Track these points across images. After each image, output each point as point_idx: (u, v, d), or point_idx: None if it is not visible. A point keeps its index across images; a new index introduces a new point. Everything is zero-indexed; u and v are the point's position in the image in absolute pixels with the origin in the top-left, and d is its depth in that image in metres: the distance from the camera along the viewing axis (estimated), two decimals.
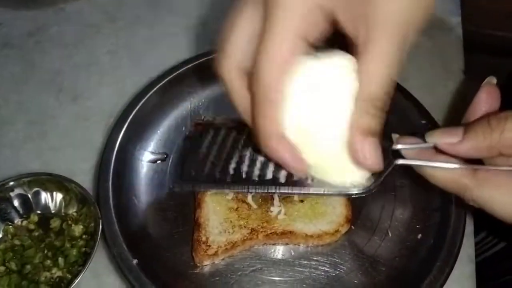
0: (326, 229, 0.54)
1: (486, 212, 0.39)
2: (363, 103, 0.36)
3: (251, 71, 0.37)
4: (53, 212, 0.57)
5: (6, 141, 0.66)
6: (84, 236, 0.54)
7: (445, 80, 0.73)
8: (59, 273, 0.52)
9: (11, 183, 0.55)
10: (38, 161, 0.63)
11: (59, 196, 0.56)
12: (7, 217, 0.56)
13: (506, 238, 0.73)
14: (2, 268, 0.52)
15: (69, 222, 0.55)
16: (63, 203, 0.56)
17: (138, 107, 0.62)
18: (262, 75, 0.36)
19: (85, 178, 0.60)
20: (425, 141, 0.41)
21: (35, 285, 0.51)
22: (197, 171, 0.47)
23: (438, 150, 0.40)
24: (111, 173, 0.56)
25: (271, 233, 0.53)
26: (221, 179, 0.46)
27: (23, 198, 0.56)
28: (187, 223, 0.56)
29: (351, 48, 0.37)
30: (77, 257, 0.53)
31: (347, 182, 0.41)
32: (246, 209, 0.55)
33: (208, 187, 0.50)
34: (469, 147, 0.38)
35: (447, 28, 0.80)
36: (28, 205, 0.56)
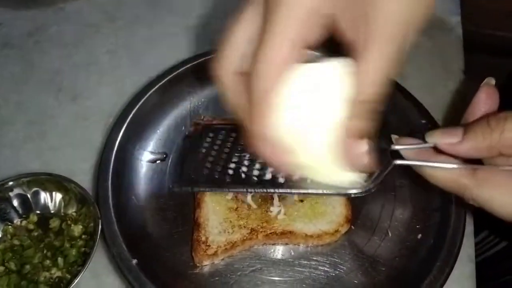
0: (326, 229, 0.54)
1: (486, 211, 0.39)
2: (358, 104, 0.36)
3: (248, 72, 0.37)
4: (52, 212, 0.57)
5: (5, 141, 0.66)
6: (83, 236, 0.54)
7: (445, 80, 0.73)
8: (58, 273, 0.52)
9: (11, 183, 0.55)
10: (38, 161, 0.63)
11: (58, 196, 0.56)
12: (6, 217, 0.55)
13: (507, 237, 0.73)
14: (2, 268, 0.52)
15: (69, 222, 0.55)
16: (63, 203, 0.56)
17: (137, 106, 0.62)
18: (259, 77, 0.36)
19: (84, 178, 0.60)
20: (424, 141, 0.41)
21: (35, 285, 0.51)
22: (196, 171, 0.47)
23: (437, 150, 0.40)
24: (110, 173, 0.56)
25: (270, 233, 0.53)
26: (220, 179, 0.46)
27: (22, 198, 0.56)
28: (187, 223, 0.56)
29: (347, 53, 0.37)
30: (77, 257, 0.53)
31: (339, 183, 0.41)
32: (246, 209, 0.55)
33: (207, 188, 0.50)
34: (469, 147, 0.38)
35: (447, 28, 0.80)
36: (27, 205, 0.56)
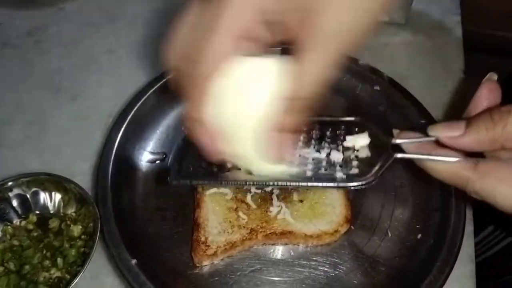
0: (326, 229, 0.54)
1: (488, 205, 0.39)
2: (291, 101, 0.38)
3: (191, 58, 0.39)
4: (52, 212, 0.57)
5: (5, 141, 0.66)
6: (83, 236, 0.54)
7: (445, 79, 0.73)
8: (57, 273, 0.52)
9: (10, 183, 0.55)
10: (37, 161, 0.63)
11: (58, 196, 0.56)
12: (5, 217, 0.55)
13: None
14: (1, 269, 0.52)
15: (68, 222, 0.55)
16: (62, 203, 0.56)
17: (137, 106, 0.62)
18: (199, 63, 0.38)
19: (84, 178, 0.60)
20: (426, 135, 0.41)
21: (34, 286, 0.51)
22: (195, 166, 0.47)
23: (439, 144, 0.40)
24: (110, 173, 0.56)
25: (270, 233, 0.53)
26: (218, 174, 0.46)
27: (21, 198, 0.56)
28: (187, 223, 0.56)
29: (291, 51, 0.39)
30: (76, 257, 0.53)
31: (270, 172, 0.44)
32: (245, 209, 0.55)
33: (205, 182, 0.51)
34: (471, 140, 0.38)
35: (447, 28, 0.80)
36: (26, 205, 0.56)
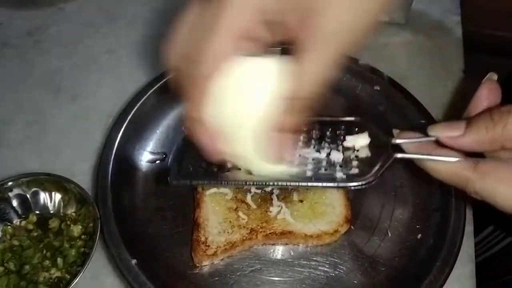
0: (326, 229, 0.54)
1: (488, 205, 0.39)
2: (290, 101, 0.38)
3: (192, 58, 0.39)
4: (52, 212, 0.57)
5: (5, 141, 0.66)
6: (83, 236, 0.54)
7: (445, 79, 0.73)
8: (57, 274, 0.52)
9: (10, 183, 0.55)
10: (37, 161, 0.63)
11: (58, 196, 0.56)
12: (5, 217, 0.55)
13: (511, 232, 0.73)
14: (1, 269, 0.52)
15: (68, 222, 0.55)
16: (62, 203, 0.56)
17: (137, 106, 0.62)
18: (199, 63, 0.38)
19: (84, 178, 0.60)
20: (426, 135, 0.41)
21: (34, 286, 0.51)
22: (195, 166, 0.47)
23: (439, 144, 0.40)
24: (110, 173, 0.56)
25: (270, 233, 0.53)
26: (218, 174, 0.46)
27: (21, 198, 0.56)
28: (186, 223, 0.56)
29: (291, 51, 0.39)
30: (76, 257, 0.53)
31: (270, 172, 0.44)
32: (245, 209, 0.55)
33: (205, 182, 0.51)
34: (471, 140, 0.38)
35: (447, 28, 0.80)
36: (26, 205, 0.56)
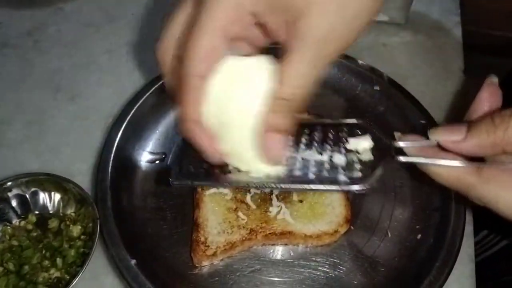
0: (325, 229, 0.54)
1: (488, 210, 0.38)
2: (276, 102, 0.38)
3: (181, 56, 0.39)
4: (51, 212, 0.56)
5: (4, 141, 0.66)
6: (82, 237, 0.54)
7: (445, 79, 0.73)
8: (57, 274, 0.52)
9: (9, 183, 0.55)
10: (36, 161, 0.63)
11: (57, 197, 0.56)
12: (5, 217, 0.55)
13: (508, 236, 0.73)
14: (0, 269, 0.52)
15: (67, 222, 0.55)
16: (61, 204, 0.56)
17: (136, 106, 0.62)
18: (187, 63, 0.38)
19: (83, 179, 0.60)
20: (427, 138, 0.41)
21: (33, 286, 0.51)
22: (196, 167, 0.47)
23: (441, 147, 0.40)
24: (109, 173, 0.56)
25: (270, 233, 0.53)
26: (219, 175, 0.46)
27: (21, 198, 0.56)
28: (186, 223, 0.55)
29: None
30: (75, 258, 0.53)
31: (262, 173, 0.44)
32: (245, 210, 0.55)
33: (207, 183, 0.51)
34: (473, 144, 0.38)
35: (447, 28, 0.80)
36: (26, 205, 0.56)
